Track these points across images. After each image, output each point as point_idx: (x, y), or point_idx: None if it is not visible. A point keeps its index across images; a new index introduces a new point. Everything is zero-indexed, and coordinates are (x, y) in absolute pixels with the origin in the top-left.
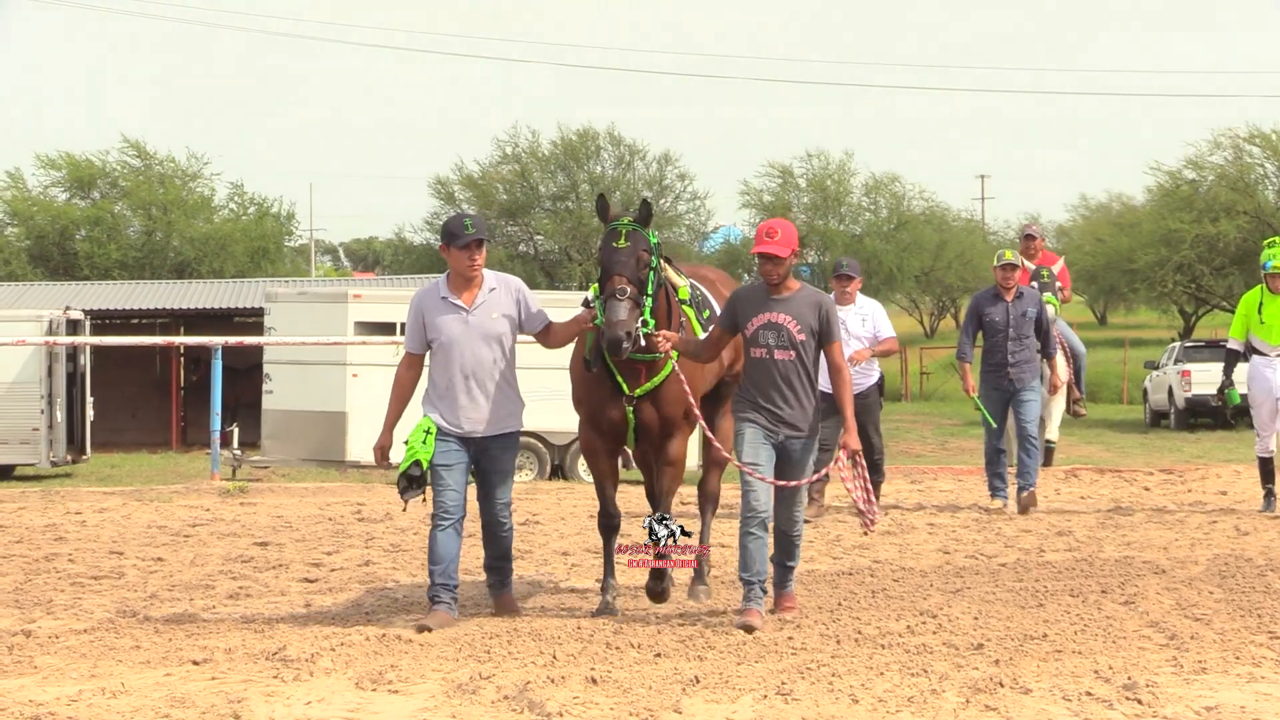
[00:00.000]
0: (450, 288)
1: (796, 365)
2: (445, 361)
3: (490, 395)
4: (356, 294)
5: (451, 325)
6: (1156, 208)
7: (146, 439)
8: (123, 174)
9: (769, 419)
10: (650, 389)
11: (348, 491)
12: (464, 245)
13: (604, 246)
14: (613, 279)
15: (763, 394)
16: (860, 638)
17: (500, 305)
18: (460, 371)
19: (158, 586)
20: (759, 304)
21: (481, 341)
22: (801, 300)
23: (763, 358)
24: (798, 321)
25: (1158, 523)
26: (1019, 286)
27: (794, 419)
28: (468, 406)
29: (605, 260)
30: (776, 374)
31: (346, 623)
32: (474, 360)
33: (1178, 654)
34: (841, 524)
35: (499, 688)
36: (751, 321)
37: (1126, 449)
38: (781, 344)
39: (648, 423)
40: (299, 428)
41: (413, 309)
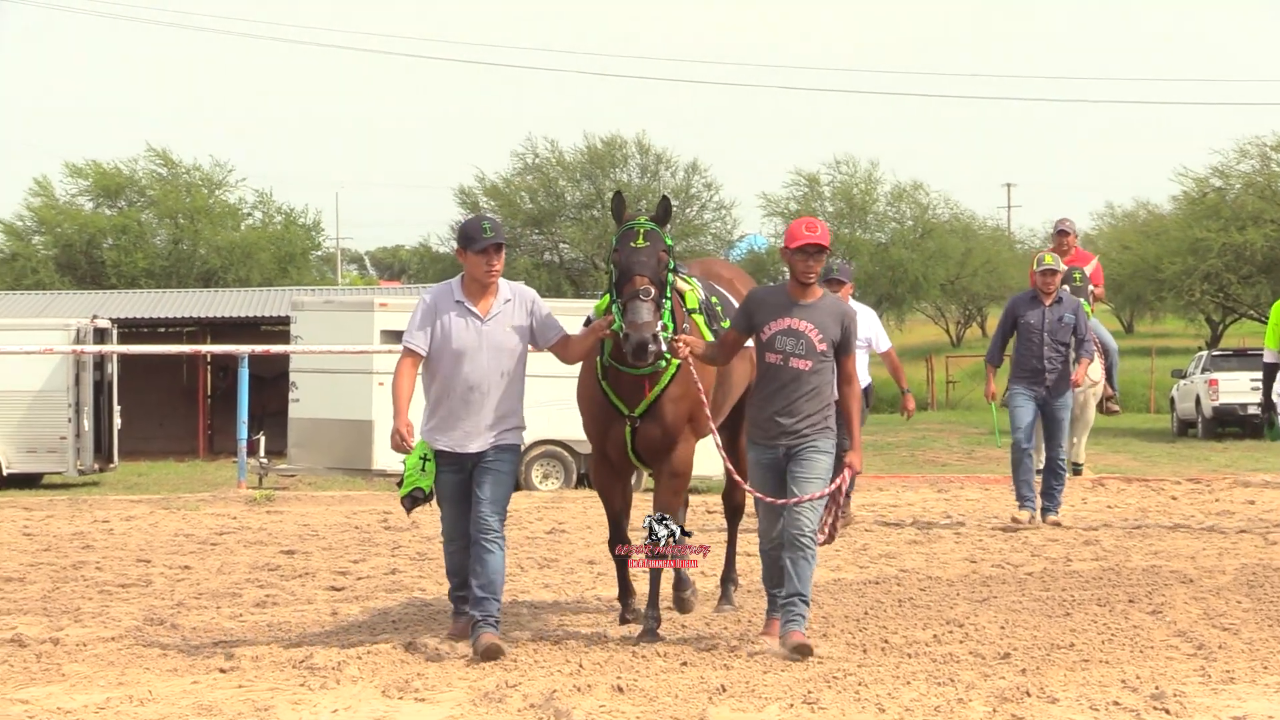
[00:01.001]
0: (465, 293)
1: (811, 376)
2: (451, 370)
3: (494, 410)
4: (382, 303)
5: (464, 333)
6: (1183, 216)
7: (173, 447)
8: (149, 182)
9: (775, 431)
10: (650, 403)
11: (374, 500)
12: (481, 249)
13: (621, 247)
14: (633, 280)
15: (772, 402)
16: (887, 647)
17: (514, 317)
18: (466, 382)
19: (185, 594)
20: (779, 307)
21: (492, 354)
22: (825, 308)
23: (777, 364)
24: (820, 330)
25: (1185, 532)
26: (1058, 291)
27: (800, 427)
28: (467, 421)
29: (624, 261)
30: (790, 382)
31: (373, 631)
32: (482, 373)
33: (1205, 664)
34: (869, 533)
35: (525, 696)
36: (769, 325)
37: (1154, 458)
38: (799, 352)
39: (649, 439)
40: (325, 436)
41: (425, 306)
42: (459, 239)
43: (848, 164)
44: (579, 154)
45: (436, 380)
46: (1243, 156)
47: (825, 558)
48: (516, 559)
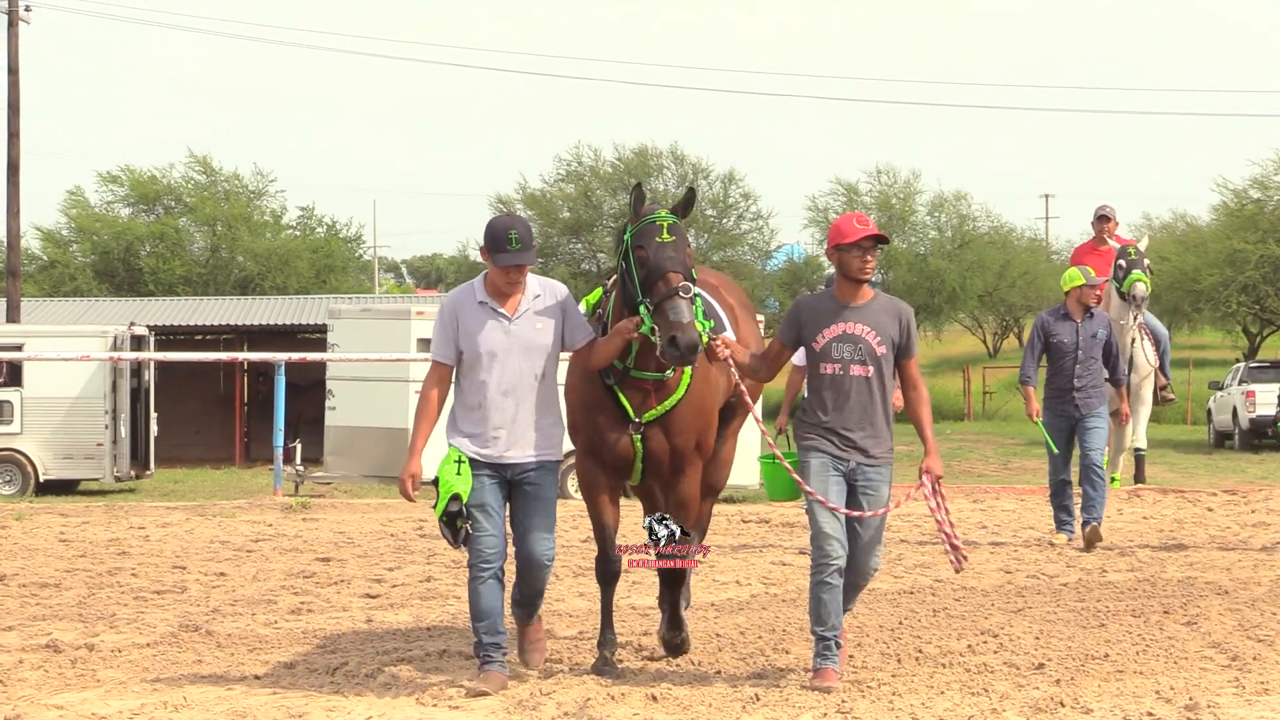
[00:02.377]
0: (489, 292)
1: (874, 383)
2: (481, 376)
3: (531, 416)
4: (419, 311)
5: (491, 335)
6: (1221, 228)
7: (210, 454)
8: (187, 189)
9: (840, 444)
10: (661, 414)
11: (410, 508)
12: (503, 267)
13: (646, 243)
14: (667, 277)
15: (834, 415)
16: (921, 657)
17: (545, 314)
18: (498, 388)
19: (220, 601)
20: (831, 313)
21: (524, 354)
22: (880, 308)
23: (836, 374)
24: (877, 332)
25: (1221, 543)
26: (1091, 307)
27: (868, 444)
28: (505, 429)
29: (654, 258)
30: (852, 392)
31: (408, 639)
32: (515, 375)
33: (1240, 675)
34: (904, 543)
35: (559, 704)
36: (823, 333)
37: (1190, 469)
38: (859, 358)
39: (657, 453)
40: (361, 444)
41: (445, 313)
42: (485, 239)
43: (888, 174)
44: (616, 164)
45: (466, 387)
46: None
47: None
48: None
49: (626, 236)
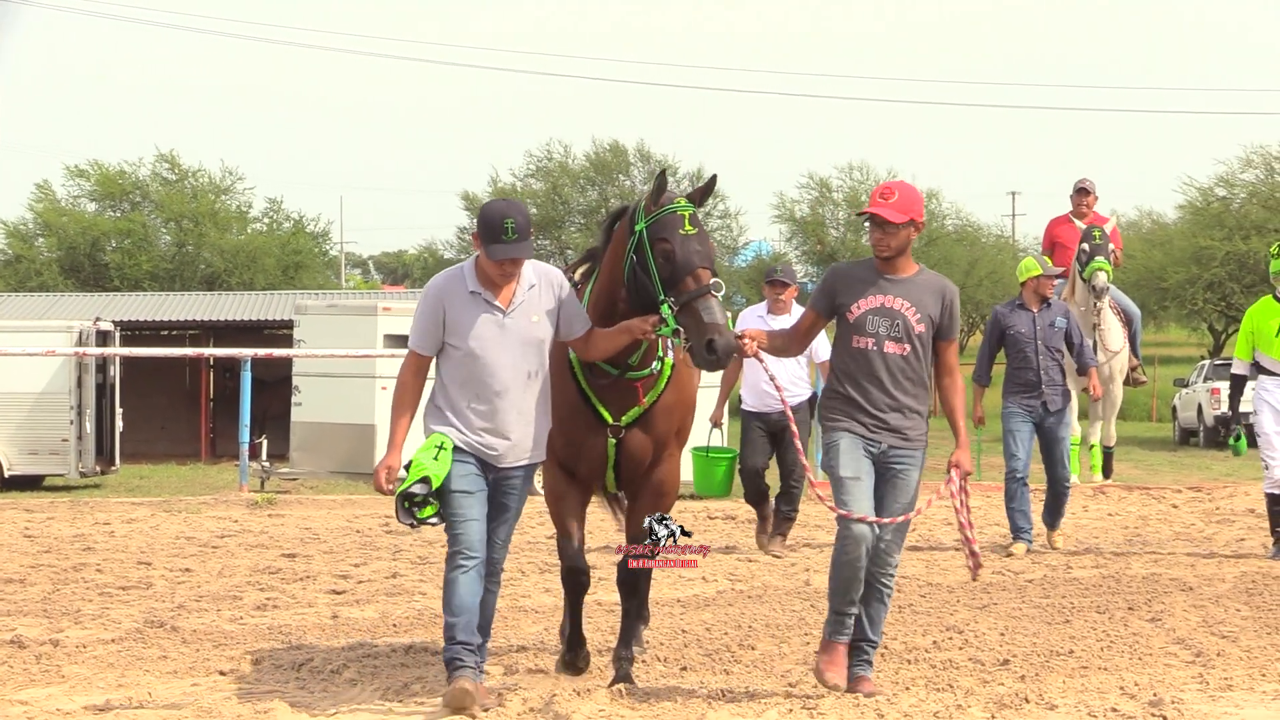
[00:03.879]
0: (481, 281)
1: (910, 362)
2: (468, 373)
3: (522, 417)
4: (386, 307)
5: (482, 328)
6: (1187, 225)
7: (175, 450)
8: (154, 186)
9: (871, 425)
10: (641, 413)
11: (376, 504)
12: (498, 260)
13: (669, 235)
14: (697, 273)
15: (864, 393)
16: (886, 653)
17: (541, 304)
18: (490, 386)
19: (185, 597)
20: (869, 283)
21: (519, 350)
22: (922, 284)
23: (868, 349)
24: (917, 309)
25: (1185, 540)
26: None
27: (901, 425)
28: (493, 430)
29: (682, 252)
30: (884, 370)
31: (373, 634)
32: (509, 373)
33: (1204, 671)
34: None
35: (525, 700)
36: (858, 303)
37: (1155, 466)
38: (895, 334)
39: (636, 454)
40: (328, 440)
41: (429, 300)
42: (479, 226)
43: (861, 170)
44: (584, 160)
45: (450, 385)
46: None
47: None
48: (518, 564)
49: (639, 227)
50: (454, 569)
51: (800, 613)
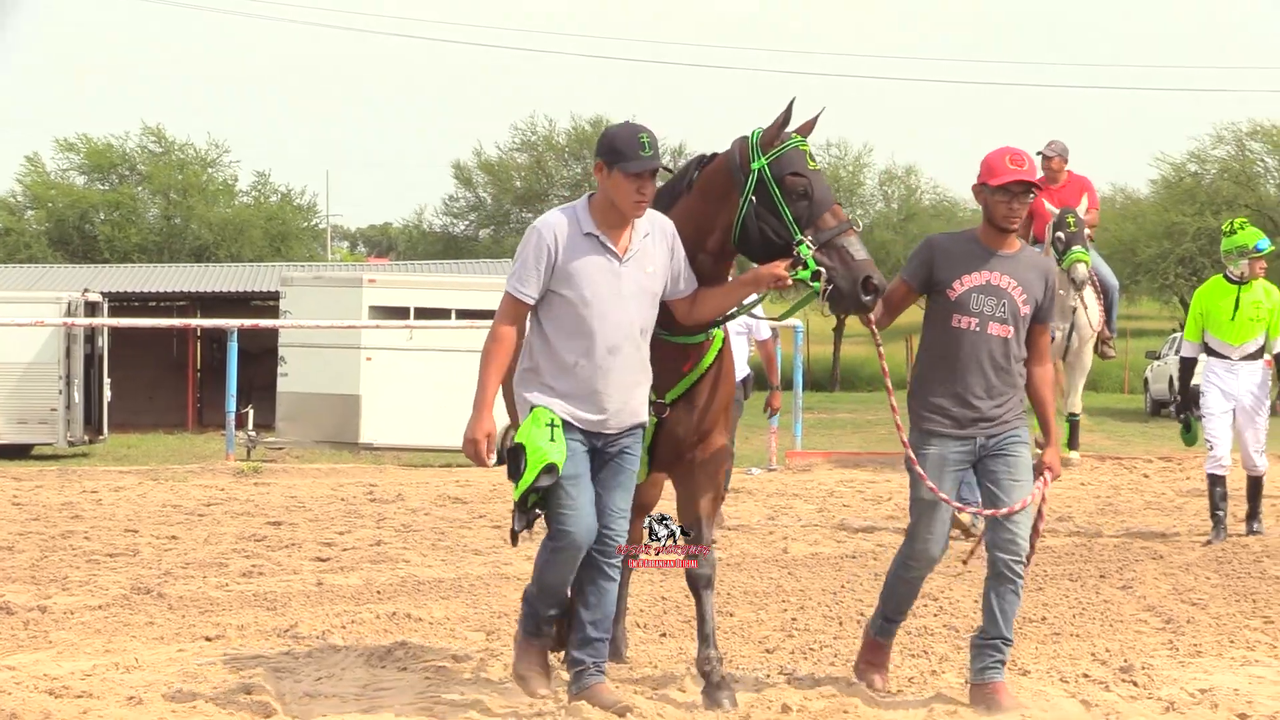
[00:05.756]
0: (598, 222)
1: (1011, 346)
2: (576, 326)
3: (632, 377)
4: (371, 279)
5: (598, 275)
6: (1160, 200)
7: (163, 420)
8: (142, 158)
9: (968, 418)
10: (688, 386)
11: (360, 473)
12: (635, 173)
13: (801, 169)
14: (835, 208)
15: (960, 380)
16: (863, 619)
17: (655, 256)
18: (603, 342)
19: (172, 564)
20: (974, 257)
21: (634, 302)
22: (1027, 262)
23: (971, 330)
24: (1024, 288)
25: (1156, 509)
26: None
27: (996, 414)
28: (604, 392)
29: (819, 188)
30: (985, 355)
31: (357, 601)
32: (623, 329)
33: (1174, 638)
34: (847, 508)
35: (506, 665)
36: (961, 279)
37: (1127, 437)
38: (1000, 315)
39: (681, 434)
40: (313, 410)
41: (538, 238)
42: (603, 149)
43: (839, 146)
44: (568, 135)
45: (558, 340)
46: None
47: (804, 533)
48: (499, 531)
49: (758, 164)
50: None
51: (778, 580)
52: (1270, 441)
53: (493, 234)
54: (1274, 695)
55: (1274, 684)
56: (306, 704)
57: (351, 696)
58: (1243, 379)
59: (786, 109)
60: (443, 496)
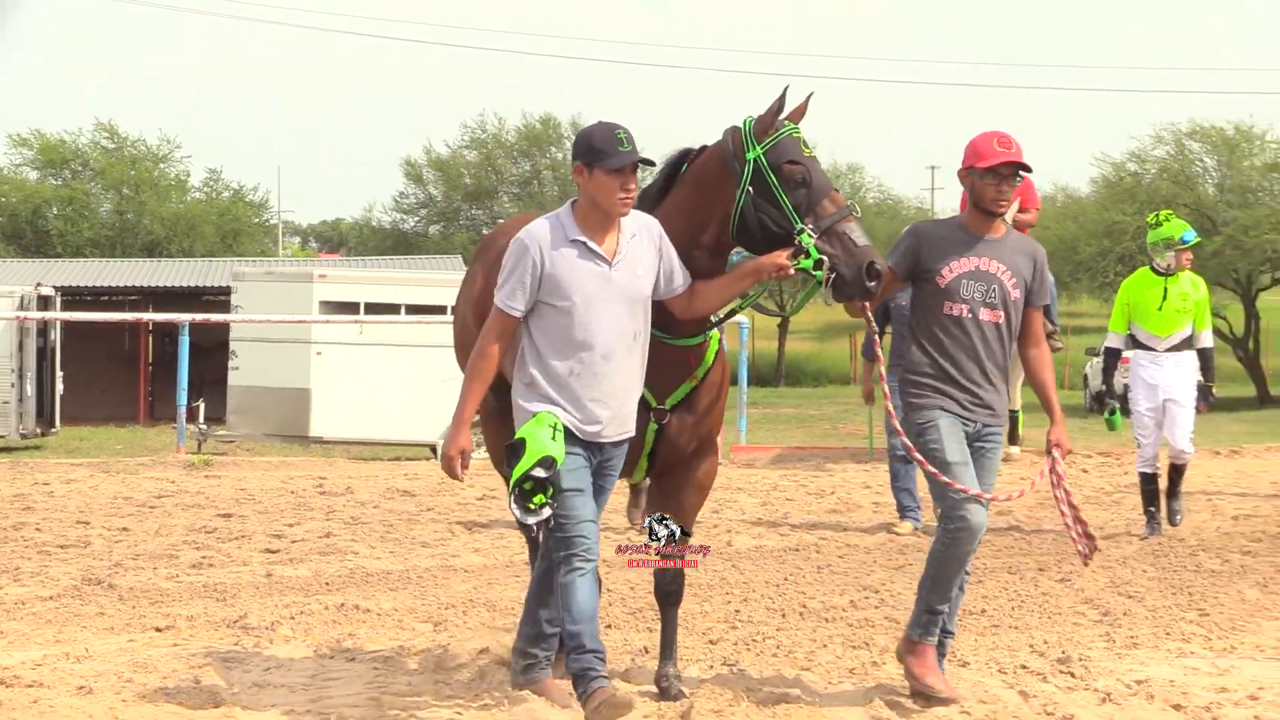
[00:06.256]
0: (583, 228)
1: (1003, 331)
2: (574, 335)
3: (625, 384)
4: (321, 274)
5: (587, 282)
6: (1100, 199)
7: (114, 413)
8: (94, 154)
9: (966, 402)
10: (688, 391)
11: (310, 466)
12: (616, 168)
13: (798, 157)
14: (833, 195)
15: (958, 366)
16: (805, 611)
17: (644, 258)
18: (598, 349)
19: (123, 555)
20: (961, 244)
21: (625, 307)
22: (1014, 246)
23: (962, 317)
24: (1012, 272)
25: (1094, 504)
26: None
27: (994, 401)
28: (600, 400)
29: (817, 175)
30: (978, 340)
31: (306, 592)
32: (614, 335)
33: (1111, 630)
34: (790, 502)
35: (454, 656)
36: (950, 266)
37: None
38: (991, 300)
39: (679, 441)
40: (264, 403)
41: (523, 250)
42: (580, 151)
43: None
44: (518, 132)
45: (551, 350)
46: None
47: (748, 527)
48: (447, 524)
49: (753, 154)
50: (571, 572)
51: (721, 573)
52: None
53: (442, 230)
54: (1208, 686)
55: (1208, 675)
56: (255, 693)
57: (300, 686)
58: (1168, 370)
59: (780, 97)
60: (391, 490)
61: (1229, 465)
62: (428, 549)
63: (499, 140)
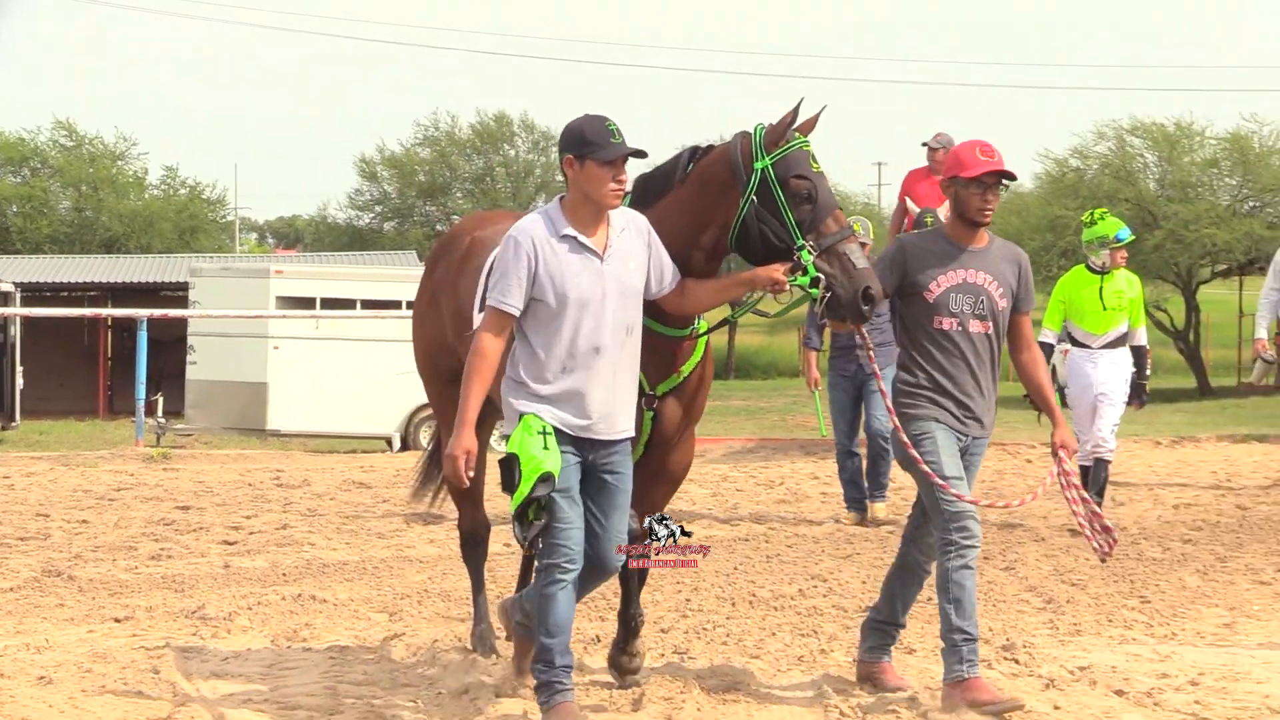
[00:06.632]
0: (572, 222)
1: (992, 341)
2: (566, 331)
3: (617, 380)
4: (278, 270)
5: (581, 278)
6: (1044, 195)
7: (74, 407)
8: (53, 152)
9: (959, 414)
10: (679, 381)
11: (267, 458)
12: (609, 160)
13: (805, 171)
14: (837, 214)
15: (951, 378)
16: (755, 600)
17: (634, 252)
18: (589, 344)
19: (82, 547)
20: (947, 257)
21: (617, 302)
22: (998, 254)
23: (952, 330)
24: (998, 282)
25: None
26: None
27: (984, 413)
28: (593, 397)
29: (823, 192)
30: (970, 353)
31: (263, 583)
32: (608, 330)
33: (1054, 617)
34: (740, 493)
35: (408, 645)
36: (938, 280)
37: (1011, 424)
38: (980, 312)
39: (668, 430)
40: (221, 397)
41: (516, 247)
42: (571, 143)
43: None
44: (472, 128)
45: (543, 345)
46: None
47: (696, 515)
48: (402, 516)
49: (761, 164)
50: (551, 583)
51: None
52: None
53: (397, 227)
54: (1150, 672)
55: (1150, 661)
56: (213, 683)
57: (257, 676)
58: (1102, 367)
59: (794, 108)
60: (348, 482)
61: (1170, 455)
62: (383, 540)
63: (452, 137)
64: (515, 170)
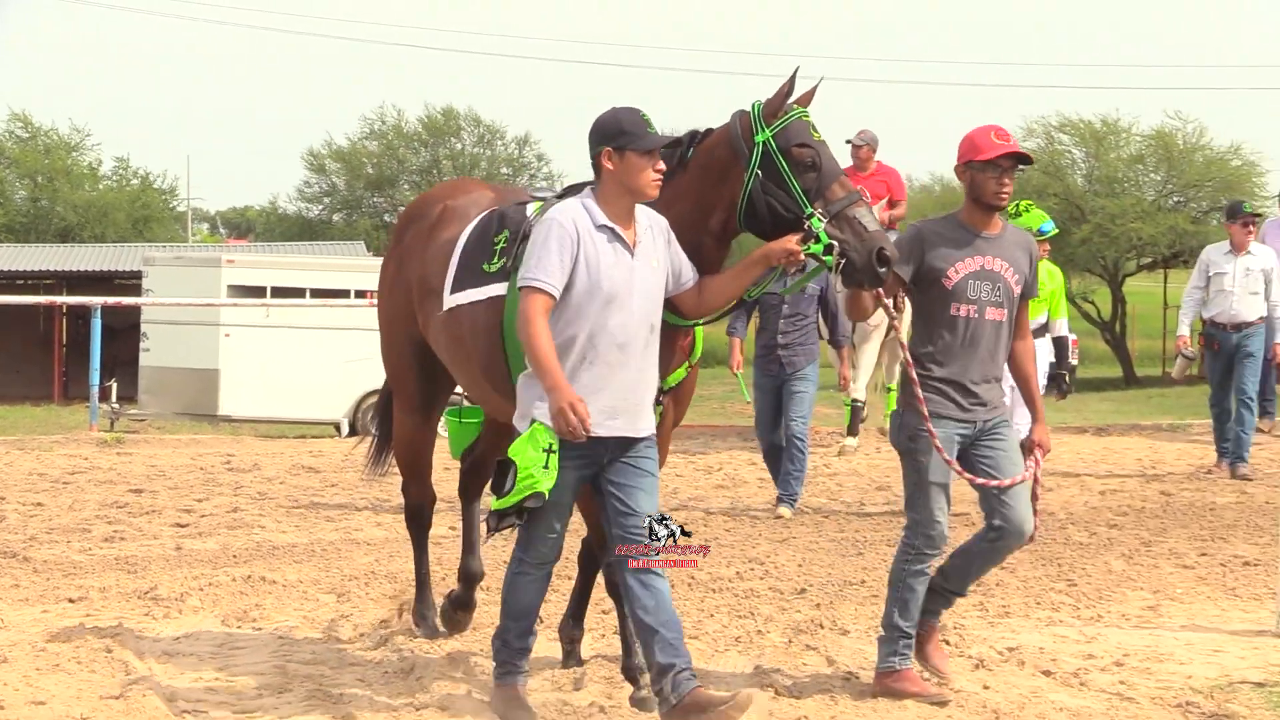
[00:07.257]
0: (609, 214)
1: (1006, 328)
2: (595, 323)
3: (641, 380)
4: (229, 259)
5: (615, 272)
6: None
7: (29, 392)
8: (9, 144)
9: (963, 403)
10: (684, 374)
11: (218, 443)
12: (649, 149)
13: (808, 139)
14: (843, 179)
15: (964, 368)
16: (693, 583)
17: (657, 250)
18: (614, 339)
19: (37, 530)
20: (964, 243)
21: (644, 298)
22: (1012, 241)
23: (969, 318)
24: (1014, 269)
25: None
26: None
27: (992, 397)
28: (612, 394)
29: (826, 159)
30: (986, 340)
31: (215, 565)
32: (634, 326)
33: (984, 599)
34: (679, 478)
35: (356, 626)
36: (956, 267)
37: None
38: (996, 299)
39: (668, 424)
40: (174, 383)
41: (559, 231)
42: (609, 135)
43: None
44: (421, 121)
45: (569, 337)
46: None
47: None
48: (350, 499)
49: (761, 137)
50: (521, 574)
51: None
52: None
53: (346, 218)
54: (1076, 653)
55: (1076, 642)
56: (165, 662)
57: (208, 655)
58: None
59: (790, 79)
60: (297, 466)
61: (1096, 443)
62: (332, 523)
63: (399, 131)
64: (462, 163)
